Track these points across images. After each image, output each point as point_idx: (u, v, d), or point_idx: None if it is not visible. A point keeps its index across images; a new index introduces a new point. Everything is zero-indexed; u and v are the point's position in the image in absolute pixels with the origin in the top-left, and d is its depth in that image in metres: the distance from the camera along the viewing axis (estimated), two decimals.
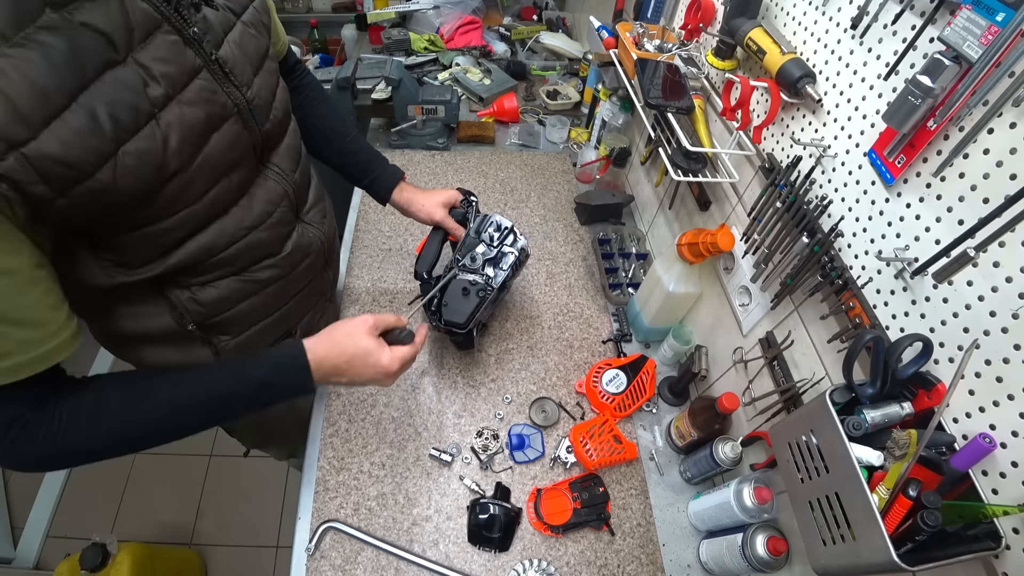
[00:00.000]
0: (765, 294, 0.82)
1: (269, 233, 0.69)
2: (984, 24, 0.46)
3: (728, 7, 0.84)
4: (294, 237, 0.74)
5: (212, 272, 0.65)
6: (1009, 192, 0.46)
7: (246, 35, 0.62)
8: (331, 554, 0.80)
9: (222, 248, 0.63)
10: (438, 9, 1.90)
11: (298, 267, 0.77)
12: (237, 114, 0.60)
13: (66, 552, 1.38)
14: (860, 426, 0.54)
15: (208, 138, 0.56)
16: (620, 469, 0.94)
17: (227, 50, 0.58)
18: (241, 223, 0.64)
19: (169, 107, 0.51)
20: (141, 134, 0.48)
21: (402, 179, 0.97)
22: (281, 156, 0.70)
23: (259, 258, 0.70)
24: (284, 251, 0.73)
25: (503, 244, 0.95)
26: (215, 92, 0.56)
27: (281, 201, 0.70)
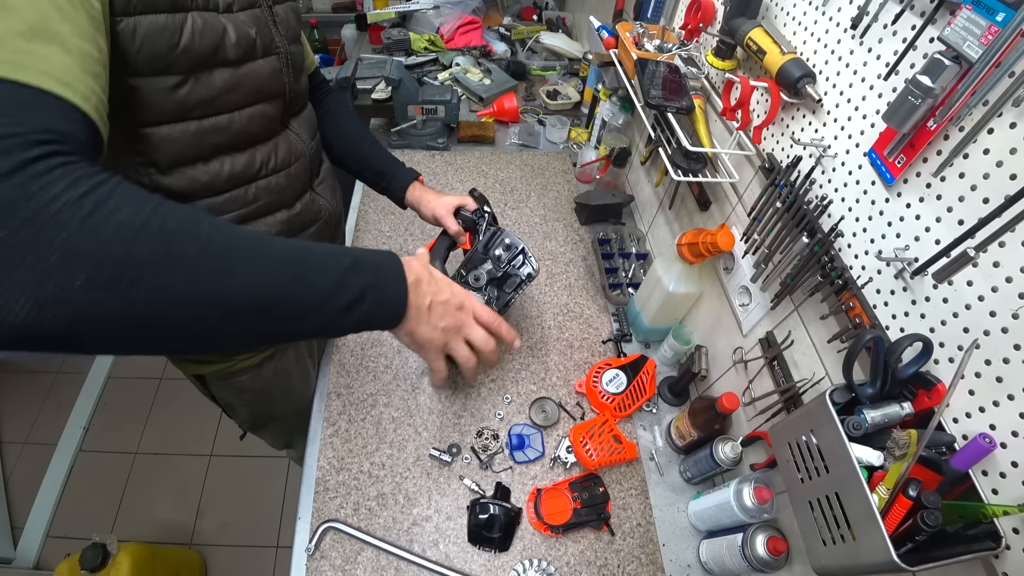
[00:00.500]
0: (765, 294, 0.82)
1: (287, 182, 0.74)
2: (984, 24, 0.46)
3: (728, 7, 0.84)
4: (305, 198, 0.80)
5: (229, 211, 0.69)
6: (1009, 192, 0.46)
7: (289, 13, 0.72)
8: (331, 554, 0.80)
9: (246, 180, 0.69)
10: (438, 9, 1.91)
11: (307, 230, 0.82)
12: (278, 55, 0.68)
13: (66, 552, 1.38)
14: (860, 426, 0.54)
15: (255, 57, 0.64)
16: (620, 469, 0.94)
17: (278, 9, 0.68)
18: (267, 161, 0.71)
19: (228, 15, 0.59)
20: (210, 13, 0.57)
21: (417, 179, 0.99)
22: (300, 123, 0.78)
23: (274, 207, 0.74)
24: (295, 208, 0.78)
25: (510, 265, 0.89)
26: (267, 27, 0.65)
27: (300, 158, 0.77)
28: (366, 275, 0.46)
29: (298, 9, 0.76)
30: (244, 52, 0.61)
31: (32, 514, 1.74)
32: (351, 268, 0.45)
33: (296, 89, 0.75)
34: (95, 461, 1.89)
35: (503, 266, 0.89)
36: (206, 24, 0.56)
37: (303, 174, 0.79)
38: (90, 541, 1.30)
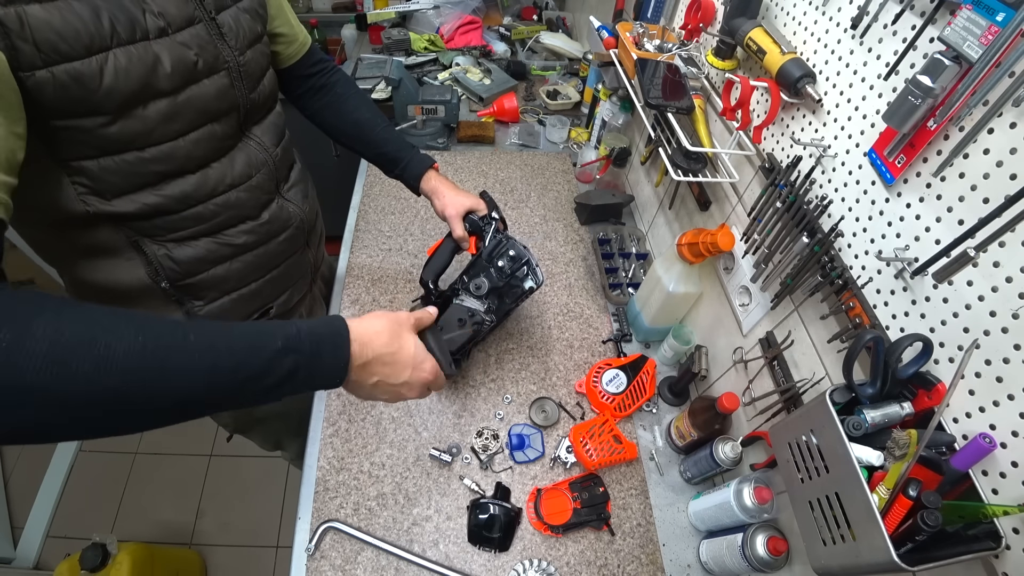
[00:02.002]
0: (765, 294, 0.82)
1: (248, 195, 0.71)
2: (984, 24, 0.46)
3: (728, 7, 0.84)
4: (272, 207, 0.77)
5: (188, 228, 0.66)
6: (1009, 192, 0.46)
7: (241, 16, 0.67)
8: (331, 554, 0.80)
9: (201, 199, 0.65)
10: (438, 9, 1.90)
11: (276, 238, 0.78)
12: (227, 70, 0.64)
13: (66, 552, 1.38)
14: (860, 426, 0.54)
15: (198, 79, 0.60)
16: (620, 469, 0.94)
17: (224, 17, 0.63)
18: (222, 179, 0.67)
19: (163, 39, 0.55)
20: (136, 46, 0.52)
21: (432, 167, 0.95)
22: (263, 130, 0.74)
23: (236, 220, 0.71)
24: (261, 218, 0.75)
25: (513, 276, 0.87)
26: (211, 43, 0.61)
27: (261, 168, 0.73)
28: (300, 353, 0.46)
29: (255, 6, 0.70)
30: (182, 78, 0.57)
31: (32, 514, 1.74)
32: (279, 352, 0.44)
33: (254, 99, 0.70)
34: (95, 461, 1.88)
35: (506, 277, 0.87)
36: (131, 60, 0.52)
37: (267, 183, 0.75)
38: (90, 541, 1.30)
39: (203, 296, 0.74)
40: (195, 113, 0.60)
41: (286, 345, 0.45)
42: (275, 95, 0.78)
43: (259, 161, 0.73)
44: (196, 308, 0.74)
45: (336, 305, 1.12)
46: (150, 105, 0.55)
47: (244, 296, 0.78)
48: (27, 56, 0.45)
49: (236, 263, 0.74)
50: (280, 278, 0.83)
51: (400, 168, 0.94)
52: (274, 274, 0.81)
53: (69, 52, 0.47)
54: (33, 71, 0.46)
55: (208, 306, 0.75)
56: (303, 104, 0.92)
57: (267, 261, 0.79)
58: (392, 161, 0.94)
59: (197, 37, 0.59)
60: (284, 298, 0.87)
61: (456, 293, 0.89)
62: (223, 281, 0.74)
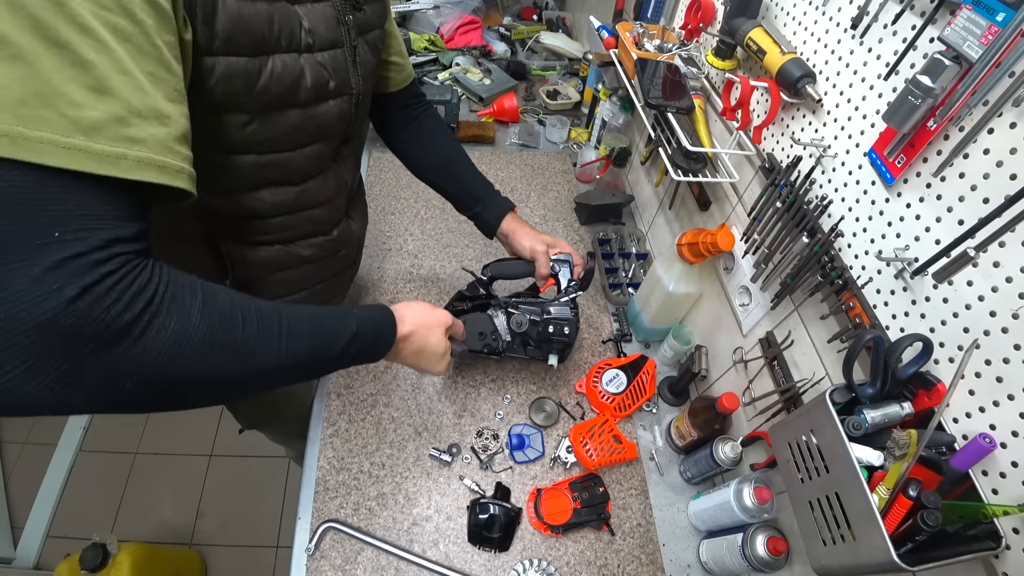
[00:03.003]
0: (765, 294, 0.82)
1: (328, 213, 0.74)
2: (984, 24, 0.46)
3: (728, 7, 0.84)
4: (341, 225, 0.79)
5: (270, 234, 0.68)
6: (1009, 192, 0.46)
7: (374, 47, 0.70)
8: (331, 554, 0.80)
9: (293, 210, 0.67)
10: (438, 9, 1.90)
11: (335, 254, 0.81)
12: (351, 95, 0.66)
13: (66, 552, 1.38)
14: (860, 426, 0.54)
15: (328, 99, 0.62)
16: (620, 469, 0.94)
17: (362, 46, 0.66)
18: (317, 195, 0.69)
19: (306, 55, 0.57)
20: (290, 55, 0.55)
21: (512, 210, 0.96)
22: (350, 154, 0.77)
23: (311, 234, 0.73)
24: (331, 235, 0.77)
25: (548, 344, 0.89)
26: (346, 67, 0.63)
27: (343, 188, 0.76)
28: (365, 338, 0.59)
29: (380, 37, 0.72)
30: (317, 94, 0.60)
31: (32, 514, 1.74)
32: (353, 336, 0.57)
33: (358, 127, 0.73)
34: (95, 461, 1.88)
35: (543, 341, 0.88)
36: (285, 68, 0.54)
37: (343, 203, 0.78)
38: (90, 541, 1.30)
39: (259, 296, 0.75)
40: (316, 128, 0.62)
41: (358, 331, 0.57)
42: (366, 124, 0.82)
43: (342, 181, 0.75)
44: None
45: None
46: (286, 112, 0.58)
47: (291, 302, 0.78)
48: (206, 40, 0.46)
49: (296, 272, 0.75)
50: (326, 290, 0.84)
51: (481, 206, 0.94)
52: (322, 286, 0.82)
53: (241, 47, 0.49)
54: (205, 56, 0.47)
55: None
56: (392, 133, 0.94)
57: (321, 273, 0.80)
58: (474, 199, 0.95)
59: (335, 60, 0.61)
60: None
61: (497, 307, 0.90)
62: (279, 286, 0.75)
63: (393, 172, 1.42)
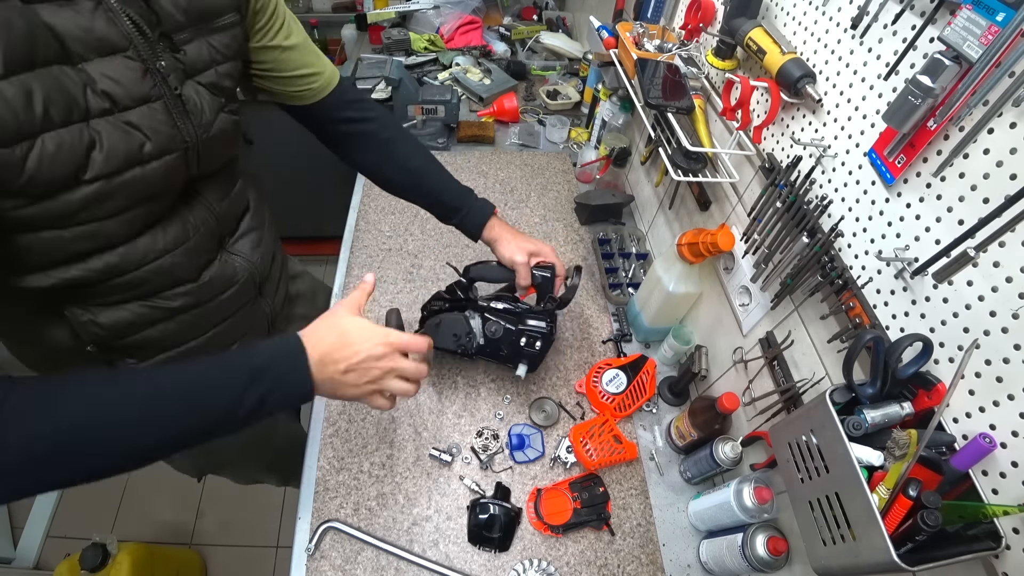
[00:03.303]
0: (765, 294, 0.82)
1: (184, 260, 0.64)
2: (984, 24, 0.46)
3: (728, 7, 0.84)
4: (214, 267, 0.70)
5: (116, 294, 0.61)
6: (1009, 192, 0.46)
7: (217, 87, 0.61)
8: (331, 554, 0.80)
9: (129, 269, 0.59)
10: (438, 9, 1.90)
11: (218, 297, 0.72)
12: (184, 151, 0.59)
13: (66, 552, 1.38)
14: (860, 426, 0.54)
15: (144, 162, 0.54)
16: (620, 469, 0.94)
17: (190, 91, 0.57)
18: (153, 246, 0.60)
19: (105, 119, 0.50)
20: (69, 129, 0.47)
21: (493, 214, 0.90)
22: (210, 186, 0.68)
23: (170, 284, 0.65)
24: (201, 280, 0.68)
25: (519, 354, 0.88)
26: (166, 124, 0.55)
27: (200, 228, 0.66)
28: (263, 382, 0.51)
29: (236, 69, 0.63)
30: (123, 162, 0.52)
31: (32, 514, 1.74)
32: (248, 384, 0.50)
33: (207, 168, 0.64)
34: None
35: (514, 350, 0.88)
36: (61, 146, 0.46)
37: (207, 243, 0.68)
38: (90, 541, 1.30)
39: (136, 355, 0.68)
40: (131, 194, 0.54)
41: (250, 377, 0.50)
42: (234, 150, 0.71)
43: (198, 221, 0.65)
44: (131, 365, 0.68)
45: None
46: (77, 190, 0.50)
47: (183, 354, 0.71)
48: None
49: (171, 324, 0.68)
50: (225, 333, 0.76)
51: (459, 218, 0.89)
52: (218, 330, 0.75)
53: None
54: None
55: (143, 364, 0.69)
56: (343, 153, 0.87)
57: (207, 320, 0.72)
58: (452, 210, 0.89)
59: (150, 117, 0.53)
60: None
61: (473, 310, 0.89)
62: (159, 341, 0.68)
63: None
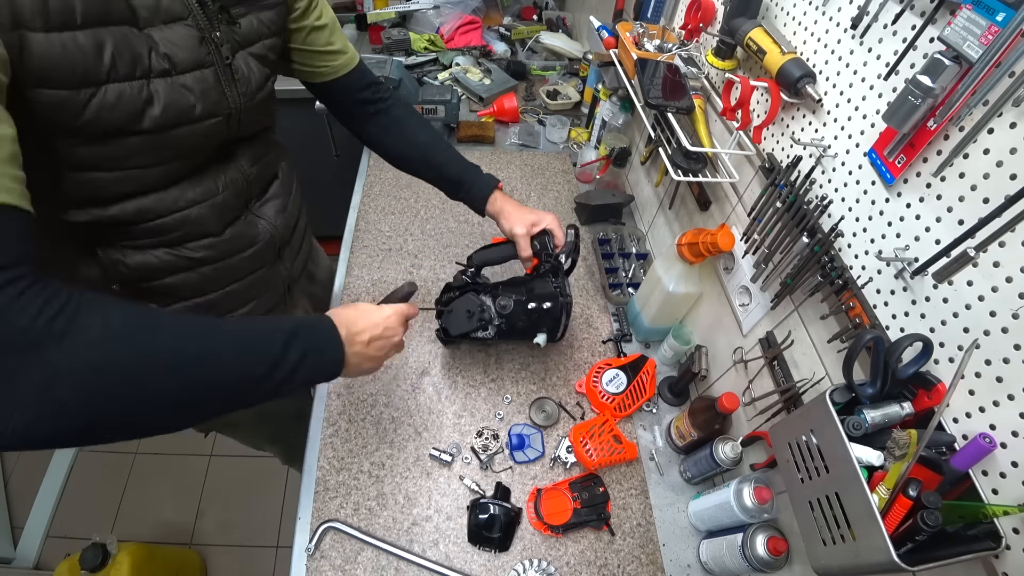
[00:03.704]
0: (765, 294, 0.82)
1: (209, 212, 0.68)
2: (984, 24, 0.46)
3: (728, 7, 0.84)
4: (238, 224, 0.74)
5: (144, 237, 0.65)
6: (1009, 192, 0.46)
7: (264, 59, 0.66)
8: (331, 554, 0.80)
9: (160, 214, 0.64)
10: (438, 9, 1.90)
11: (240, 254, 0.76)
12: (227, 116, 0.63)
13: (66, 552, 1.38)
14: (860, 426, 0.54)
15: (191, 123, 0.59)
16: (620, 469, 0.94)
17: (240, 62, 0.63)
18: (184, 194, 0.65)
19: (163, 79, 0.54)
20: (131, 83, 0.52)
21: (497, 187, 0.94)
22: (244, 151, 0.73)
23: (195, 235, 0.69)
24: (224, 235, 0.72)
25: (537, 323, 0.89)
26: (214, 89, 0.60)
27: (228, 187, 0.70)
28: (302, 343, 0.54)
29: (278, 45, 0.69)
30: (176, 119, 0.57)
31: (32, 514, 1.74)
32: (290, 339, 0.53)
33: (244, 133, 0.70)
34: (95, 461, 1.88)
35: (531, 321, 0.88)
36: (122, 97, 0.51)
37: (233, 201, 0.72)
38: (90, 541, 1.30)
39: (156, 300, 0.72)
40: (174, 148, 0.59)
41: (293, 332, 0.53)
42: (271, 118, 0.77)
43: (228, 180, 0.70)
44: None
45: (336, 306, 1.11)
46: (128, 139, 0.55)
47: (200, 305, 0.75)
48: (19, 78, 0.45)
49: (192, 274, 0.72)
50: (242, 291, 0.80)
51: (464, 190, 0.93)
52: (235, 287, 0.78)
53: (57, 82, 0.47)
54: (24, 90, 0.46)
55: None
56: (357, 127, 0.91)
57: (228, 275, 0.76)
58: (456, 184, 0.93)
59: (202, 81, 0.58)
60: (247, 310, 0.83)
61: (484, 292, 0.91)
62: (177, 289, 0.72)
63: (393, 172, 1.40)
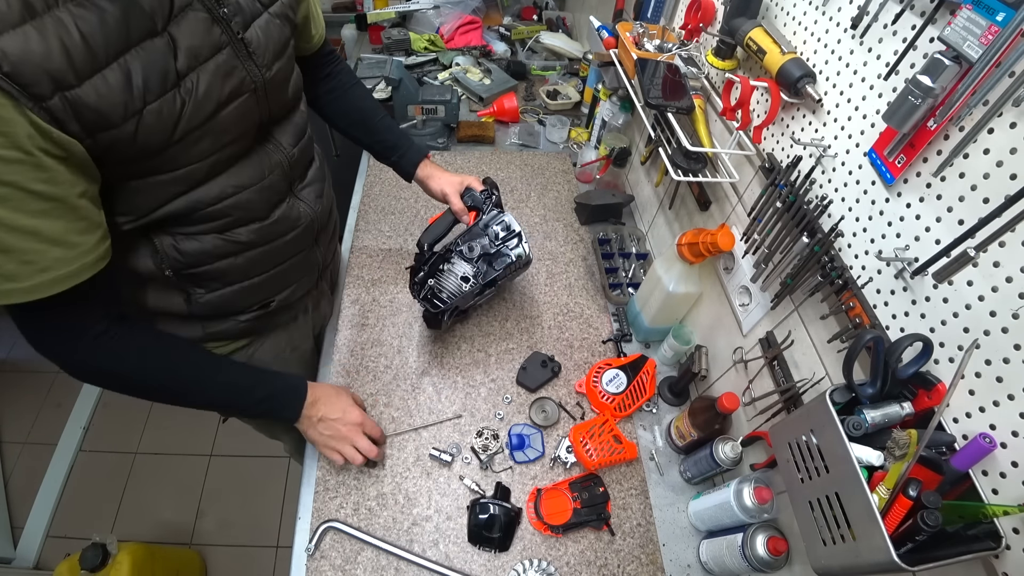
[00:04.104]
0: (765, 294, 0.82)
1: (258, 196, 0.71)
2: (984, 24, 0.46)
3: (728, 7, 0.84)
4: (283, 207, 0.77)
5: (197, 225, 0.68)
6: (1009, 192, 0.46)
7: (271, 24, 0.66)
8: (331, 554, 0.80)
9: (211, 202, 0.66)
10: (438, 9, 1.90)
11: (283, 237, 0.79)
12: (253, 91, 0.65)
13: (66, 552, 1.38)
14: (860, 426, 0.54)
15: (223, 107, 0.61)
16: (620, 469, 0.94)
17: (253, 33, 0.63)
18: (232, 181, 0.67)
19: (190, 76, 0.56)
20: (164, 97, 0.54)
21: (427, 156, 1.02)
22: (283, 131, 0.75)
23: (244, 220, 0.72)
24: (270, 218, 0.75)
25: (504, 244, 0.95)
26: (235, 67, 0.61)
27: (275, 169, 0.73)
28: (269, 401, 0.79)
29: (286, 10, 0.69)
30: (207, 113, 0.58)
31: (32, 514, 1.74)
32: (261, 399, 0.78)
33: (277, 109, 0.72)
34: (95, 461, 1.89)
35: (497, 243, 0.94)
36: (161, 113, 0.54)
37: (280, 183, 0.75)
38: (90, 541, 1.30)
39: (205, 286, 0.75)
40: (216, 137, 0.62)
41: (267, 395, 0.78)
42: (299, 96, 0.78)
43: (274, 162, 0.73)
44: (198, 295, 0.75)
45: (336, 306, 1.12)
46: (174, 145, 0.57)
47: (245, 288, 0.78)
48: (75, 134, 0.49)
49: (240, 259, 0.74)
50: (284, 274, 0.83)
51: (397, 155, 1.00)
52: (278, 270, 0.81)
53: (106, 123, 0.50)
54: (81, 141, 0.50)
55: (209, 295, 0.75)
56: (310, 91, 0.92)
57: (271, 258, 0.79)
58: (390, 149, 1.01)
59: (224, 64, 0.59)
60: (287, 293, 0.87)
61: (448, 256, 0.95)
62: (225, 274, 0.75)
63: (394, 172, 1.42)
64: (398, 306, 1.12)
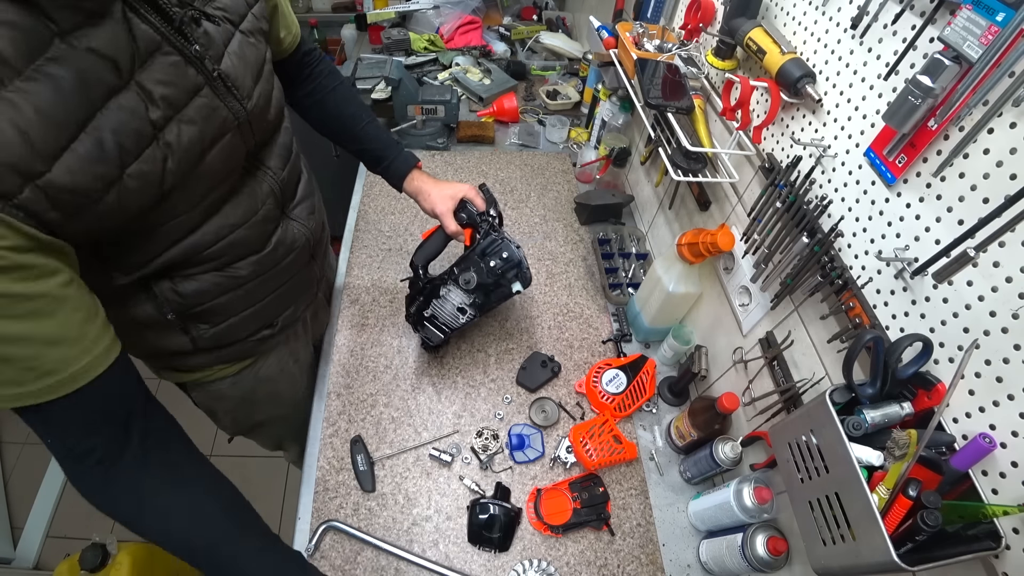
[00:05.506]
0: (765, 294, 0.82)
1: (254, 231, 0.69)
2: (984, 24, 0.46)
3: (728, 7, 0.84)
4: (278, 233, 0.74)
5: (195, 267, 0.66)
6: (1009, 192, 0.46)
7: (246, 45, 0.61)
8: (331, 554, 0.80)
9: (208, 246, 0.64)
10: (438, 9, 1.90)
11: (281, 263, 0.76)
12: (236, 127, 0.60)
13: (66, 552, 1.38)
14: (860, 426, 0.54)
15: (207, 153, 0.56)
16: (620, 469, 0.94)
17: (228, 63, 0.57)
18: (227, 221, 0.64)
19: (169, 127, 0.51)
20: (143, 156, 0.49)
21: (416, 166, 0.95)
22: (271, 155, 0.71)
23: (241, 255, 0.69)
24: (267, 248, 0.73)
25: (503, 277, 0.88)
26: (216, 108, 0.56)
27: (267, 199, 0.70)
28: None
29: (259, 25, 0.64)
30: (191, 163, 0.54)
31: (32, 514, 1.74)
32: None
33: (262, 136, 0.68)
34: None
35: (495, 276, 0.88)
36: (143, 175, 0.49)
37: (273, 211, 0.72)
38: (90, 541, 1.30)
39: (208, 321, 0.73)
40: (205, 184, 0.58)
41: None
42: (281, 113, 0.73)
43: (265, 192, 0.69)
44: (202, 331, 0.73)
45: (336, 306, 1.12)
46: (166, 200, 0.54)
47: (247, 317, 0.77)
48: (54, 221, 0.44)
49: (240, 291, 0.73)
50: (284, 295, 0.82)
51: (383, 166, 0.94)
52: (278, 293, 0.80)
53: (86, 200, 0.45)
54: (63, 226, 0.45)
55: (214, 329, 0.74)
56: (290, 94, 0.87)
57: (271, 284, 0.78)
58: (377, 159, 0.94)
59: (203, 108, 0.54)
60: (288, 312, 0.85)
61: (444, 283, 0.90)
62: (227, 307, 0.73)
63: None
64: (398, 306, 1.12)
